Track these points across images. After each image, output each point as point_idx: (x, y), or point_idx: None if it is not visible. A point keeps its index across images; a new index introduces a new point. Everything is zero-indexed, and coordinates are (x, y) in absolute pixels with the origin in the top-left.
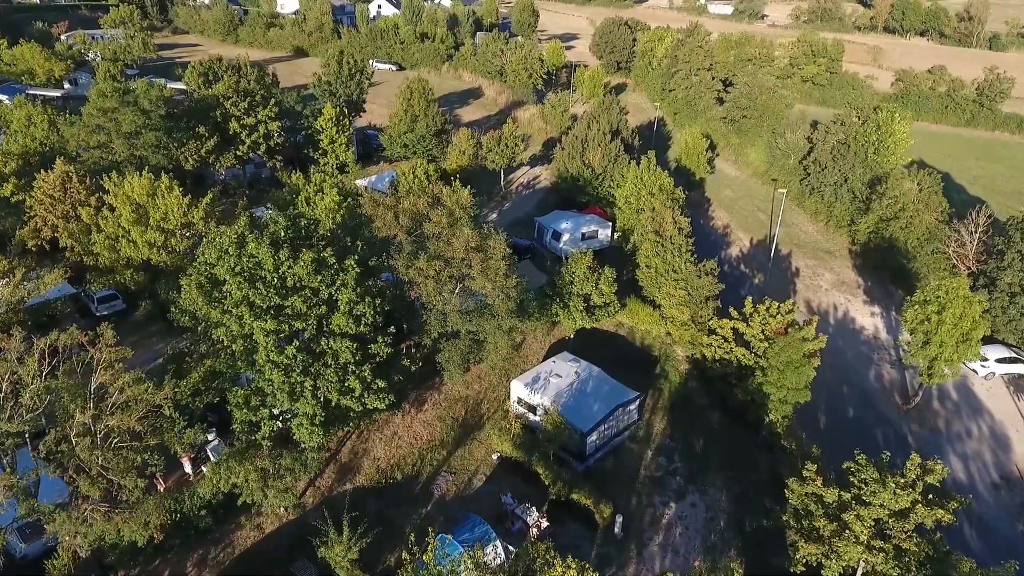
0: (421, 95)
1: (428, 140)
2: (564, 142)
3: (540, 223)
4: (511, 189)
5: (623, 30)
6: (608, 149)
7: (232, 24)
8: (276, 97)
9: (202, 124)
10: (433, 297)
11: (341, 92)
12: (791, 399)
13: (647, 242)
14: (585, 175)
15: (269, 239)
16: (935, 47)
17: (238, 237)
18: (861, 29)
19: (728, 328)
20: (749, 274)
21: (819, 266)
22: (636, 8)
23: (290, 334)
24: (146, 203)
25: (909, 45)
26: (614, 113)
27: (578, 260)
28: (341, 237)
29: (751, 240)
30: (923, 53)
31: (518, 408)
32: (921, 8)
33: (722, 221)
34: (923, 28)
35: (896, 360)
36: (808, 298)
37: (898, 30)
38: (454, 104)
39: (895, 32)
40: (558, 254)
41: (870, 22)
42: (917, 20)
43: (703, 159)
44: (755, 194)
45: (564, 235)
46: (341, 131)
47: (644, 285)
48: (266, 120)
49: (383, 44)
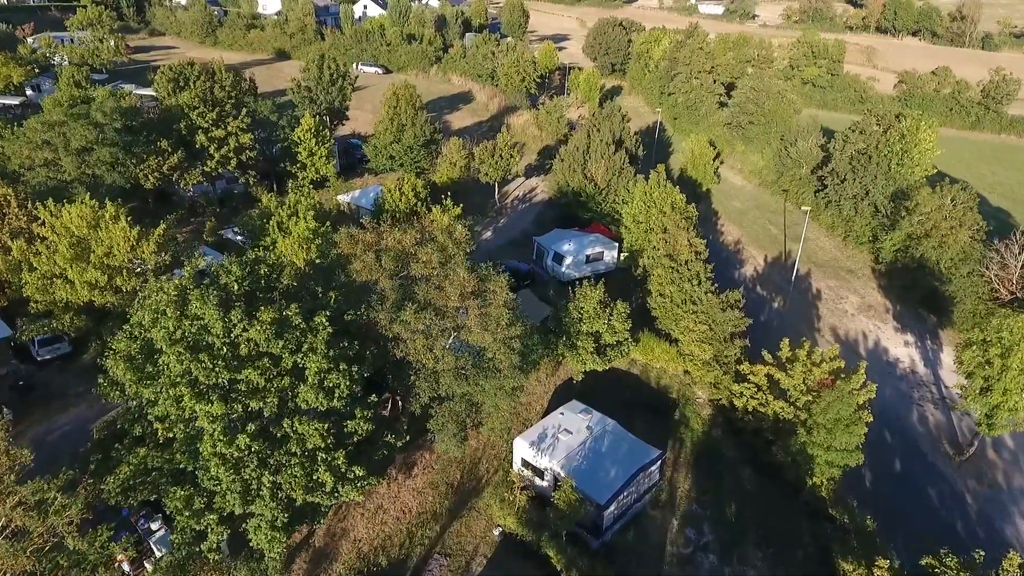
0: (408, 102)
1: (416, 151)
2: (563, 153)
3: (539, 243)
4: (506, 203)
5: (618, 31)
6: (612, 161)
7: (210, 26)
8: (248, 106)
9: (165, 137)
10: (423, 355)
11: (322, 99)
12: (839, 462)
13: (659, 267)
14: (587, 190)
15: (217, 296)
16: (928, 47)
17: (178, 294)
18: (853, 29)
19: (762, 375)
20: (767, 297)
21: (842, 287)
22: (626, 8)
23: (244, 416)
24: (87, 236)
25: (901, 45)
26: (616, 121)
27: (587, 295)
28: (311, 287)
29: (765, 258)
30: (916, 53)
31: (523, 471)
32: (913, 8)
33: (733, 236)
34: (915, 28)
35: (939, 399)
36: (834, 324)
37: (890, 30)
38: (443, 109)
39: (887, 32)
40: (560, 279)
41: (862, 22)
42: (909, 20)
43: (710, 169)
44: (765, 206)
45: (567, 258)
46: (321, 142)
47: (658, 316)
48: (237, 132)
49: (368, 46)
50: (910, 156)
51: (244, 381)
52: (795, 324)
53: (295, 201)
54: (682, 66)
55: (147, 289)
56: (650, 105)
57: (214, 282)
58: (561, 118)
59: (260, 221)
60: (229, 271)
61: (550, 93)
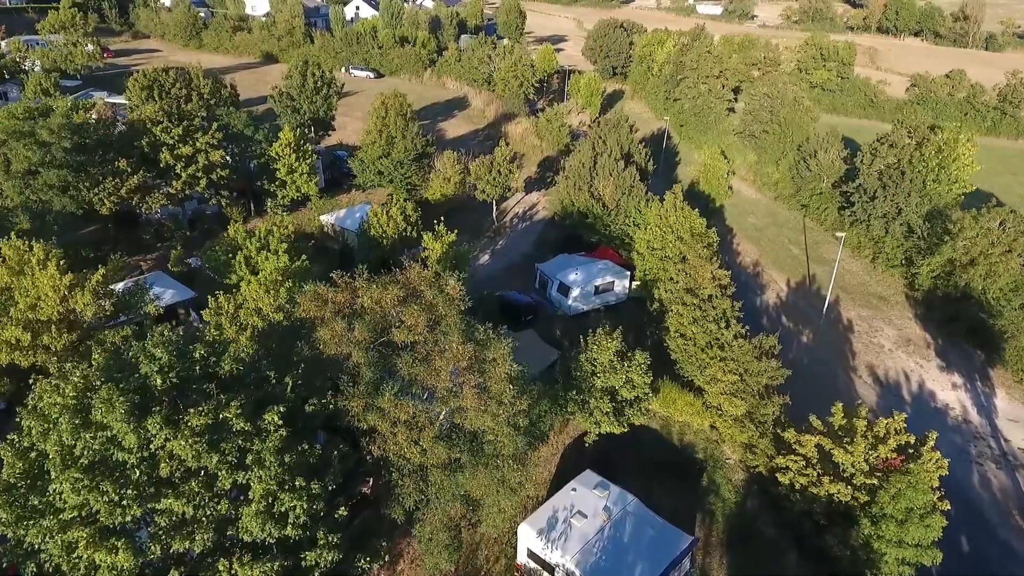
0: (398, 112)
1: (406, 167)
2: (566, 168)
3: (542, 271)
4: (504, 222)
5: (619, 33)
6: (621, 178)
7: (195, 28)
8: (222, 119)
9: (124, 156)
10: (407, 449)
11: (306, 108)
12: (913, 559)
13: (679, 303)
14: (594, 210)
15: (128, 400)
16: (930, 47)
17: (76, 398)
18: (854, 29)
19: (811, 446)
20: (794, 328)
21: (875, 317)
22: (623, 8)
23: (164, 560)
24: (9, 284)
25: (903, 46)
26: (624, 132)
27: (602, 345)
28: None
29: (788, 282)
30: (919, 54)
31: (529, 564)
32: (915, 8)
33: (750, 256)
34: (917, 28)
35: (1000, 455)
36: (871, 362)
37: (891, 30)
38: (437, 116)
39: (888, 32)
40: (567, 312)
41: (863, 22)
42: (911, 20)
43: (725, 183)
44: (783, 222)
45: (573, 289)
46: (302, 157)
47: (678, 360)
48: (206, 149)
49: (360, 49)
50: (947, 172)
51: (165, 512)
52: (827, 361)
53: (265, 232)
54: (689, 70)
55: (38, 389)
56: (654, 111)
57: (131, 372)
58: (562, 127)
59: (225, 256)
60: (152, 356)
61: (549, 98)
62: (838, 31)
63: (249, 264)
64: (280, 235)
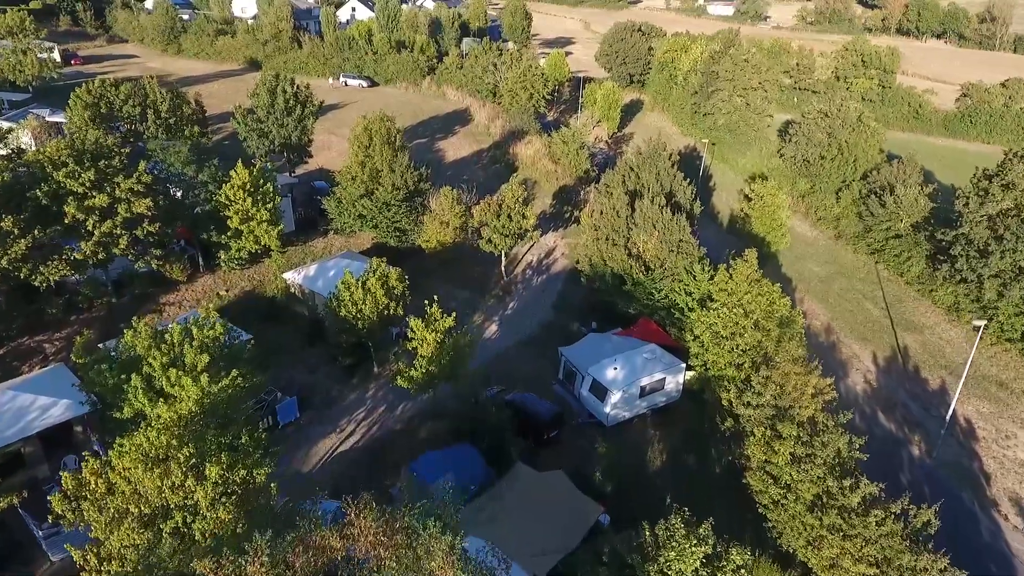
0: (384, 141)
1: (394, 209)
2: (592, 212)
3: (568, 360)
4: (515, 275)
5: (636, 37)
6: (668, 230)
7: (173, 32)
8: (155, 153)
9: (10, 213)
10: None
11: (275, 133)
12: None
13: (766, 429)
14: (633, 273)
15: None
16: (955, 50)
17: None
18: (872, 31)
19: None
20: (898, 433)
21: (1001, 416)
22: (630, 9)
23: None
24: None
25: (927, 48)
26: (664, 165)
27: (683, 553)
28: None
29: (874, 358)
30: (944, 56)
31: None
32: (939, 8)
33: (819, 319)
34: (941, 30)
35: None
36: (1015, 493)
37: (912, 32)
38: (436, 133)
39: (909, 34)
40: (602, 421)
41: (881, 23)
42: (934, 21)
43: (784, 224)
44: (851, 270)
45: (613, 392)
46: (261, 201)
47: (769, 517)
48: (128, 198)
49: (352, 55)
50: None
51: None
52: (954, 492)
53: (179, 337)
54: (724, 82)
55: None
56: (679, 126)
57: None
58: (581, 149)
59: (115, 377)
60: None
61: (559, 109)
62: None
63: (154, 389)
64: (201, 340)
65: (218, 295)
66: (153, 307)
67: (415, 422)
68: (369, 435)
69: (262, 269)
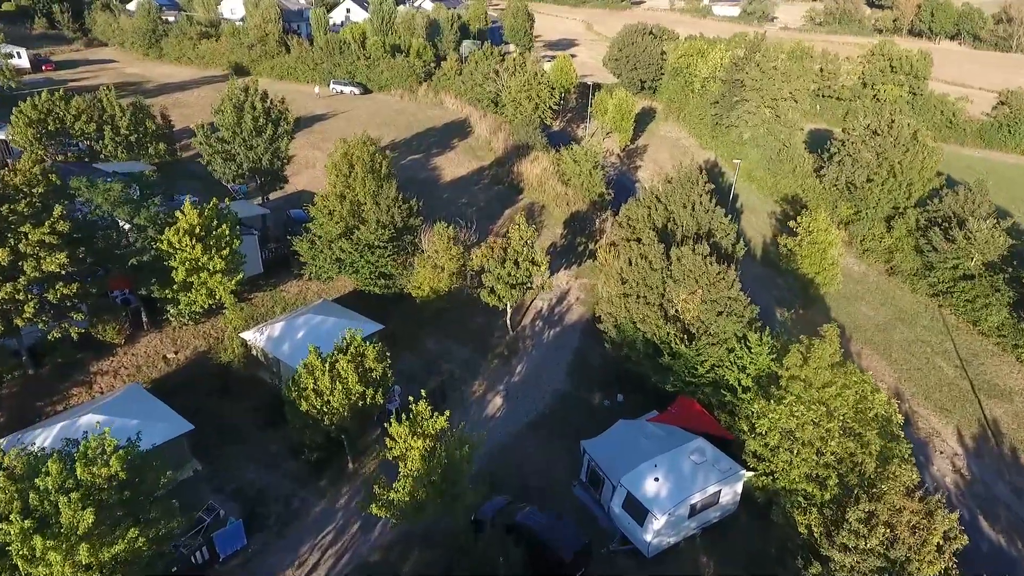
0: (367, 169)
1: (379, 251)
2: (614, 255)
3: (594, 462)
4: (523, 328)
5: (648, 40)
6: (713, 286)
7: (154, 35)
8: (79, 192)
9: None
10: None
11: (243, 157)
12: None
13: None
14: (672, 341)
15: None
16: (970, 52)
17: None
18: (883, 32)
19: None
20: (1009, 548)
21: None
22: (633, 10)
23: None
24: None
25: (941, 50)
26: (701, 200)
27: None
28: None
29: (958, 434)
30: (959, 58)
31: None
32: (953, 9)
33: (885, 379)
34: (955, 31)
35: None
36: None
37: (925, 33)
38: (432, 146)
39: (921, 35)
40: (640, 550)
41: (892, 24)
42: (948, 22)
43: (838, 265)
44: (911, 315)
45: (657, 515)
46: (215, 247)
47: None
48: (37, 253)
49: (343, 60)
50: None
51: None
52: None
53: (56, 478)
54: (750, 91)
55: None
56: (697, 138)
57: None
58: (595, 170)
59: None
60: None
61: (566, 118)
62: (866, 34)
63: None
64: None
65: (164, 359)
66: (82, 378)
67: (396, 552)
68: (337, 571)
69: (220, 323)
